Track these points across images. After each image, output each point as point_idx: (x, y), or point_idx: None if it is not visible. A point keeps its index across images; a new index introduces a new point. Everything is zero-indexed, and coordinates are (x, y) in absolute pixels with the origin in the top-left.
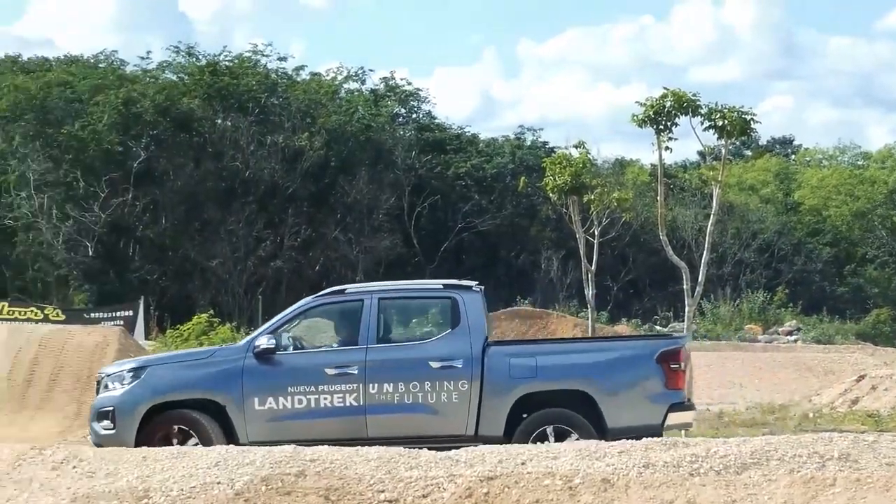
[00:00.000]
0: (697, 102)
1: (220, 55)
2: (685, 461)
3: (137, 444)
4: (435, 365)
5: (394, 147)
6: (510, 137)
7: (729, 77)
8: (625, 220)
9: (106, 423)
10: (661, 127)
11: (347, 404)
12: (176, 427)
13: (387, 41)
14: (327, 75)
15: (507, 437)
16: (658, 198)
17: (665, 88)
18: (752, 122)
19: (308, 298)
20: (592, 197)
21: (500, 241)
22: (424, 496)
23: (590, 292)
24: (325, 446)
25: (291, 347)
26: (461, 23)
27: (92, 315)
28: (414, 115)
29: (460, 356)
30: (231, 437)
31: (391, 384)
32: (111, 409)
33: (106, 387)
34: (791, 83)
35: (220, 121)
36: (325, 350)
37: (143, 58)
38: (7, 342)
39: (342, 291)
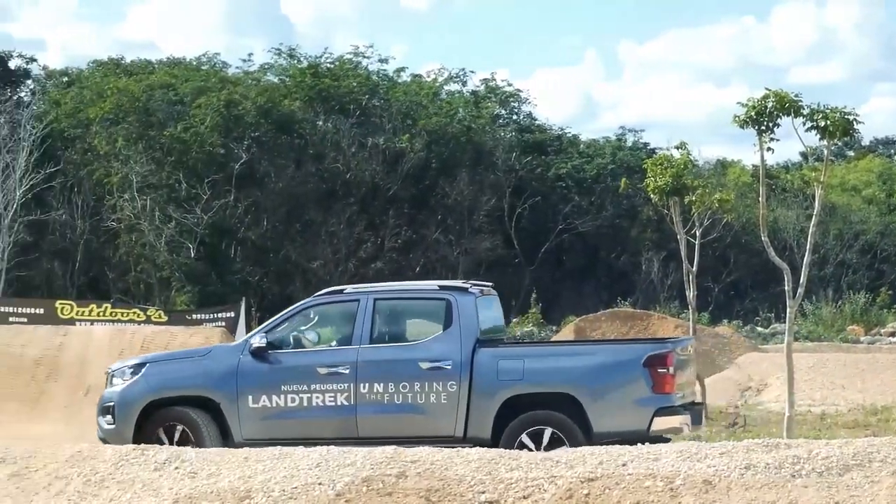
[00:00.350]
0: (799, 103)
1: (321, 57)
2: (787, 463)
3: (136, 441)
4: (425, 366)
5: (494, 148)
6: (611, 139)
7: (831, 78)
8: (726, 222)
9: (108, 417)
10: (763, 128)
11: (339, 403)
12: (171, 424)
13: (487, 43)
14: (428, 77)
15: (495, 439)
16: (760, 199)
17: (767, 89)
18: (854, 123)
19: (309, 298)
20: (694, 198)
21: (601, 243)
22: (525, 497)
23: (691, 293)
24: (426, 447)
25: (289, 346)
26: (561, 24)
27: (194, 316)
28: (514, 117)
29: (450, 357)
30: (226, 435)
31: (382, 384)
32: (112, 404)
33: (111, 382)
34: (894, 84)
35: (321, 123)
36: (319, 349)
37: (244, 60)
38: (110, 344)
39: (340, 291)
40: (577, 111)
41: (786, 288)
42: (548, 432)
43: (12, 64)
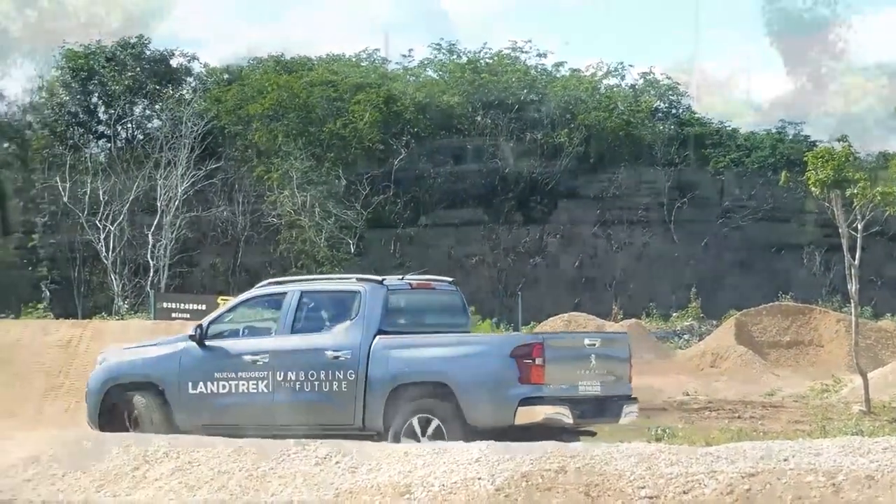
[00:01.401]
0: None
1: (480, 52)
2: None
3: (103, 426)
4: (329, 355)
5: (653, 142)
6: (771, 131)
7: None
8: (889, 214)
9: (86, 403)
10: None
11: (260, 391)
12: (125, 409)
13: (645, 36)
14: (586, 71)
15: (386, 428)
16: None
17: None
18: None
19: (251, 290)
20: (856, 191)
21: (761, 236)
22: (685, 492)
23: (853, 287)
24: (584, 443)
25: (227, 336)
26: (719, 18)
27: None
28: (673, 110)
29: (350, 347)
30: (172, 421)
31: (293, 373)
32: (87, 389)
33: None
34: None
35: (479, 118)
36: (248, 339)
37: (404, 56)
38: None
39: (278, 283)
40: (736, 104)
41: None
42: (427, 419)
43: (174, 62)
